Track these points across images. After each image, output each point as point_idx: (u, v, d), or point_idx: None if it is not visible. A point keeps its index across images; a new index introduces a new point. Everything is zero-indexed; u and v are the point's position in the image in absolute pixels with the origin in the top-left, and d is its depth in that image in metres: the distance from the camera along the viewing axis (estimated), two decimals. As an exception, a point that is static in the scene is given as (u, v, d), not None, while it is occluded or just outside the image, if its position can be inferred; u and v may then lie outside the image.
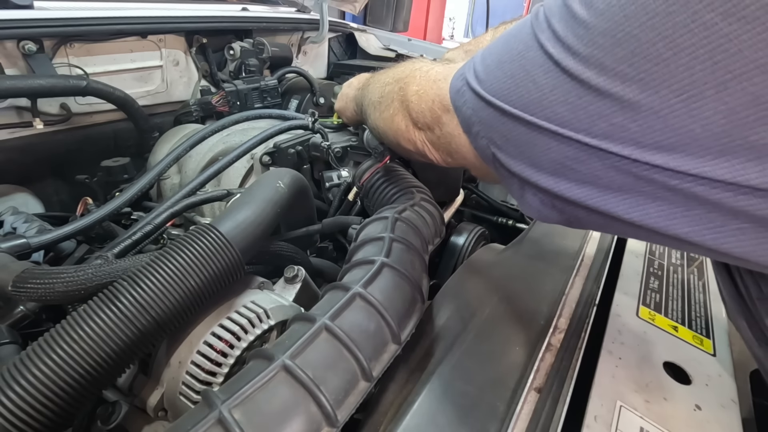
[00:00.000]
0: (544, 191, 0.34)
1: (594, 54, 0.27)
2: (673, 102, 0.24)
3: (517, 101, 0.33)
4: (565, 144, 0.30)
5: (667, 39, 0.24)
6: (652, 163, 0.26)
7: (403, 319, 0.41)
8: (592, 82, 0.28)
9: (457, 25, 5.97)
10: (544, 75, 0.30)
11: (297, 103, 1.21)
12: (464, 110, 0.38)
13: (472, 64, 0.38)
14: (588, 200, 0.31)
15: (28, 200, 0.89)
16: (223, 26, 1.14)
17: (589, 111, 0.28)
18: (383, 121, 0.54)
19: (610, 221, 0.31)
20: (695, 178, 0.25)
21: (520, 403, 0.40)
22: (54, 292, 0.43)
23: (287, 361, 0.33)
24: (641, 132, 0.26)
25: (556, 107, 0.30)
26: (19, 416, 0.32)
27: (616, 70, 0.26)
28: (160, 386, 0.44)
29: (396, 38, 1.61)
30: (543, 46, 0.31)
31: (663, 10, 0.24)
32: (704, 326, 0.54)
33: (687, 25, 0.23)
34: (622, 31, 0.26)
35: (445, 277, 0.74)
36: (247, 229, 0.45)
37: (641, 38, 0.25)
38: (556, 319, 0.51)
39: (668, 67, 0.24)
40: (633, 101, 0.26)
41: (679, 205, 0.27)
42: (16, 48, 0.80)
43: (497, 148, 0.36)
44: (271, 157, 0.75)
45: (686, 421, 0.40)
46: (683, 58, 0.24)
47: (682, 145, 0.25)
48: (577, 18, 0.28)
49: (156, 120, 1.03)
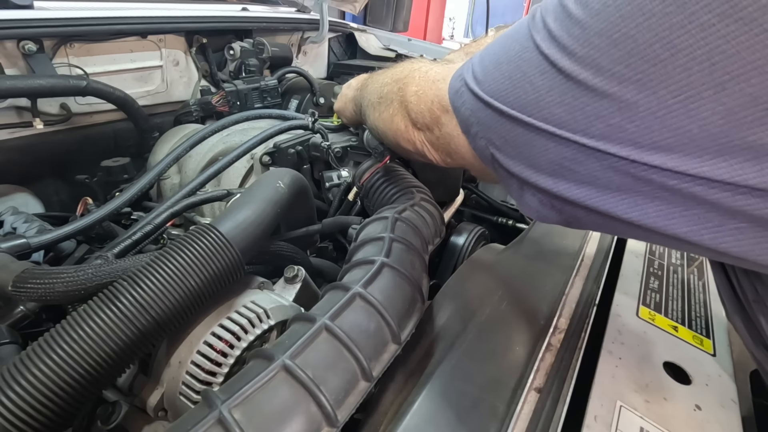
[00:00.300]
0: (543, 191, 0.34)
1: (590, 54, 0.27)
2: (671, 102, 0.25)
3: (514, 102, 0.33)
4: (562, 145, 0.30)
5: (664, 40, 0.24)
6: (650, 164, 0.26)
7: (403, 319, 0.41)
8: (588, 83, 0.27)
9: (457, 25, 5.97)
10: (541, 76, 0.30)
11: (297, 103, 1.21)
12: (463, 111, 0.38)
13: (471, 65, 0.38)
14: (587, 200, 0.31)
15: (28, 200, 0.89)
16: (223, 26, 1.14)
17: (586, 112, 0.28)
18: (382, 121, 0.54)
19: (609, 221, 0.31)
20: (693, 178, 0.25)
21: (520, 403, 0.40)
22: (54, 292, 0.43)
23: (287, 361, 0.33)
24: (639, 132, 0.26)
25: (553, 108, 0.30)
26: (19, 416, 0.32)
27: (612, 71, 0.26)
28: (160, 386, 0.44)
29: (396, 38, 1.61)
30: (539, 47, 0.31)
31: (660, 11, 0.24)
32: (704, 326, 0.54)
33: (684, 26, 0.23)
34: (618, 31, 0.26)
35: (445, 277, 0.74)
36: (247, 229, 0.45)
37: (638, 39, 0.25)
38: (556, 319, 0.51)
39: (666, 68, 0.24)
40: (630, 102, 0.26)
41: (677, 205, 0.27)
42: (16, 48, 0.80)
43: (496, 148, 0.36)
44: (271, 157, 0.75)
45: (686, 421, 0.40)
46: (681, 59, 0.24)
47: (680, 146, 0.25)
48: (572, 18, 0.28)
49: (156, 120, 1.03)
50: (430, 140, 0.47)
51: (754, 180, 0.23)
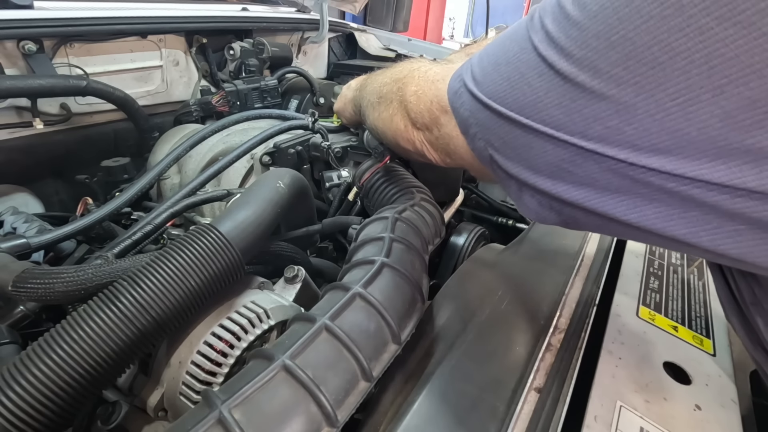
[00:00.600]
0: (542, 193, 0.34)
1: (588, 56, 0.27)
2: (669, 105, 0.24)
3: (513, 104, 0.32)
4: (561, 147, 0.30)
5: (662, 43, 0.24)
6: (649, 166, 0.26)
7: (403, 319, 0.41)
8: (586, 85, 0.27)
9: (457, 25, 5.97)
10: (539, 77, 0.30)
11: (297, 103, 1.20)
12: (462, 112, 0.38)
13: (470, 66, 0.38)
14: (586, 202, 0.31)
15: (28, 200, 0.89)
16: (223, 26, 1.14)
17: (584, 114, 0.28)
18: (382, 121, 0.54)
19: (608, 222, 0.31)
20: (691, 180, 0.25)
21: (520, 403, 0.40)
22: (54, 292, 0.43)
23: (287, 361, 0.33)
24: (637, 135, 0.26)
25: (551, 110, 0.30)
26: (19, 416, 0.32)
27: (610, 73, 0.26)
28: (160, 386, 0.44)
29: (396, 38, 1.61)
30: (537, 48, 0.30)
31: (657, 14, 0.24)
32: (704, 326, 0.54)
33: (682, 29, 0.23)
34: (616, 33, 0.25)
35: (445, 277, 0.74)
36: (247, 229, 0.45)
37: (636, 41, 0.25)
38: (556, 319, 0.51)
39: (664, 71, 0.24)
40: (629, 104, 0.26)
41: (675, 207, 0.27)
42: (16, 48, 0.80)
43: (494, 150, 0.36)
44: (271, 157, 0.75)
45: (686, 421, 0.40)
46: (679, 62, 0.24)
47: (678, 148, 0.25)
48: (570, 19, 0.28)
49: (156, 120, 1.03)
50: (430, 140, 0.47)
51: (752, 183, 0.23)
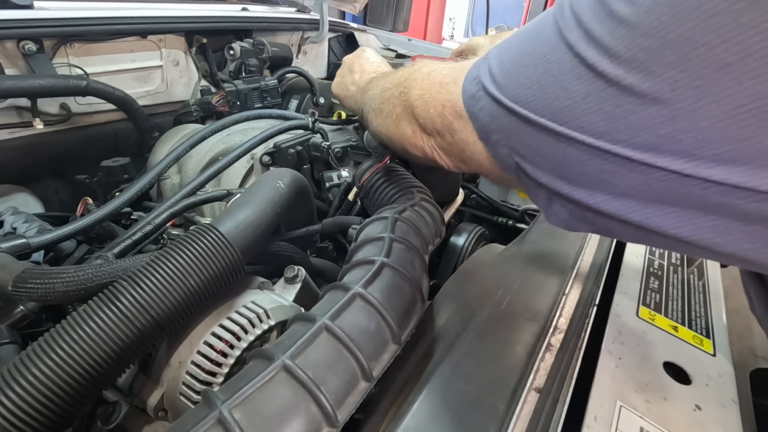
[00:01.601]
0: (576, 203, 0.31)
1: (638, 57, 0.24)
2: (738, 112, 0.22)
3: (543, 109, 0.30)
4: (600, 157, 0.27)
5: (730, 42, 0.21)
6: (708, 178, 0.24)
7: (403, 319, 0.41)
8: (635, 89, 0.25)
9: (457, 25, 5.97)
10: (576, 80, 0.27)
11: (297, 103, 1.20)
12: (481, 117, 0.36)
13: (487, 67, 0.35)
14: (627, 214, 0.28)
15: (28, 200, 0.89)
16: (223, 26, 1.14)
17: (630, 121, 0.25)
18: (386, 127, 0.52)
19: (650, 235, 0.28)
20: (756, 193, 0.23)
21: (520, 403, 0.40)
22: (54, 292, 0.43)
23: (287, 361, 0.33)
24: (696, 144, 0.23)
25: (591, 116, 0.27)
26: (19, 416, 0.32)
27: (665, 76, 0.23)
28: (160, 386, 0.44)
29: (396, 38, 1.61)
30: (573, 48, 0.28)
31: (725, 9, 0.21)
32: (704, 326, 0.53)
33: (757, 26, 0.20)
34: (672, 32, 0.23)
35: (445, 277, 0.74)
36: (247, 229, 0.45)
37: (697, 40, 0.22)
38: (556, 319, 0.51)
39: (732, 73, 0.21)
40: (687, 110, 0.23)
41: (735, 220, 0.25)
42: (16, 48, 0.80)
43: (521, 157, 0.33)
44: (271, 157, 0.75)
45: (686, 421, 0.40)
46: (751, 63, 0.21)
47: (745, 159, 0.22)
48: (615, 16, 0.25)
49: (156, 120, 1.03)
50: (442, 146, 0.45)
51: None
